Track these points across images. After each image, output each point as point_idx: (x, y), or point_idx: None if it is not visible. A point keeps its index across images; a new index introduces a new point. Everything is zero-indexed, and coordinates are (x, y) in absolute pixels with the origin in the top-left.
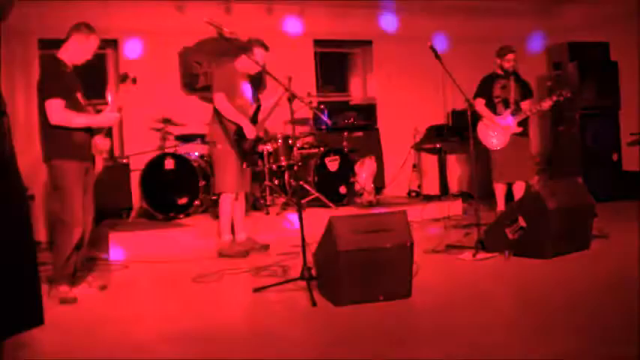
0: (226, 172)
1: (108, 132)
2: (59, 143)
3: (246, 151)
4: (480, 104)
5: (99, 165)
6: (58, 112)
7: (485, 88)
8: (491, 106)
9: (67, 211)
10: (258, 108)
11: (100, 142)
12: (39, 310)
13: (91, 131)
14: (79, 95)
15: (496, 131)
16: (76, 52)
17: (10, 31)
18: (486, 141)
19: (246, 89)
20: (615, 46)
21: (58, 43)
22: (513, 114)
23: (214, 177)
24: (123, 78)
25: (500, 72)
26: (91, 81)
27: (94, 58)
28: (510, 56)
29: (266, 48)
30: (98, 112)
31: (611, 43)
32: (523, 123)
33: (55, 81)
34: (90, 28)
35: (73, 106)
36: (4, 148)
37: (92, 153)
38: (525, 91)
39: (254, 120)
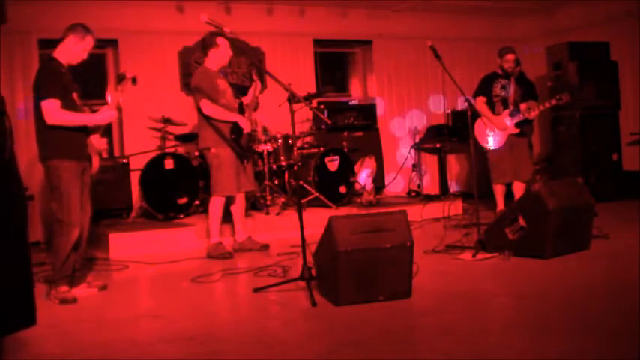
0: (221, 176)
1: (104, 131)
2: (56, 143)
3: (244, 147)
4: (480, 102)
5: (96, 165)
6: (54, 112)
7: (485, 87)
8: (490, 104)
9: (65, 211)
10: (241, 104)
11: (97, 142)
12: (32, 310)
13: (87, 131)
14: (75, 95)
15: (493, 131)
16: (71, 52)
17: (10, 31)
18: (482, 140)
19: (225, 86)
20: (615, 46)
21: (57, 44)
22: (511, 115)
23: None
24: (120, 78)
25: (500, 72)
26: (91, 81)
27: (93, 59)
28: (509, 57)
29: (226, 38)
30: (94, 112)
31: (611, 43)
32: (522, 124)
33: (51, 81)
34: (86, 28)
35: (69, 106)
36: (4, 148)
37: (89, 153)
38: (527, 93)
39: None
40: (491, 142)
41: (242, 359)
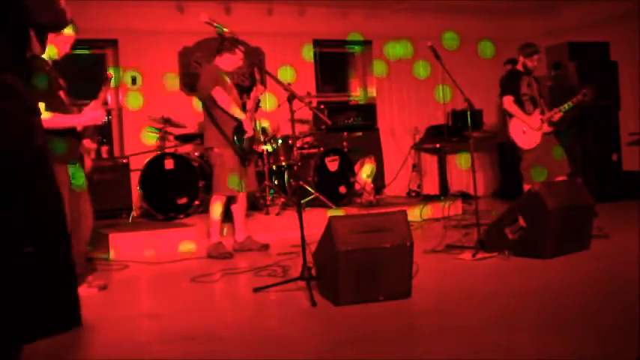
0: (222, 175)
1: (93, 133)
2: None
3: (246, 149)
4: (509, 102)
5: (88, 165)
6: None
7: (513, 85)
8: (519, 103)
9: None
10: (244, 105)
11: (87, 142)
12: (77, 310)
13: (76, 132)
14: (61, 94)
15: (528, 130)
16: (52, 46)
17: None
18: (519, 140)
19: (231, 85)
20: (615, 46)
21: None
22: (542, 114)
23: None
24: (105, 80)
25: (522, 69)
26: (90, 82)
27: (93, 59)
28: (537, 57)
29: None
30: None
31: (611, 43)
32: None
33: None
34: None
35: (56, 105)
36: (38, 145)
37: (81, 153)
38: (541, 91)
39: None
40: (528, 141)
41: (242, 359)
